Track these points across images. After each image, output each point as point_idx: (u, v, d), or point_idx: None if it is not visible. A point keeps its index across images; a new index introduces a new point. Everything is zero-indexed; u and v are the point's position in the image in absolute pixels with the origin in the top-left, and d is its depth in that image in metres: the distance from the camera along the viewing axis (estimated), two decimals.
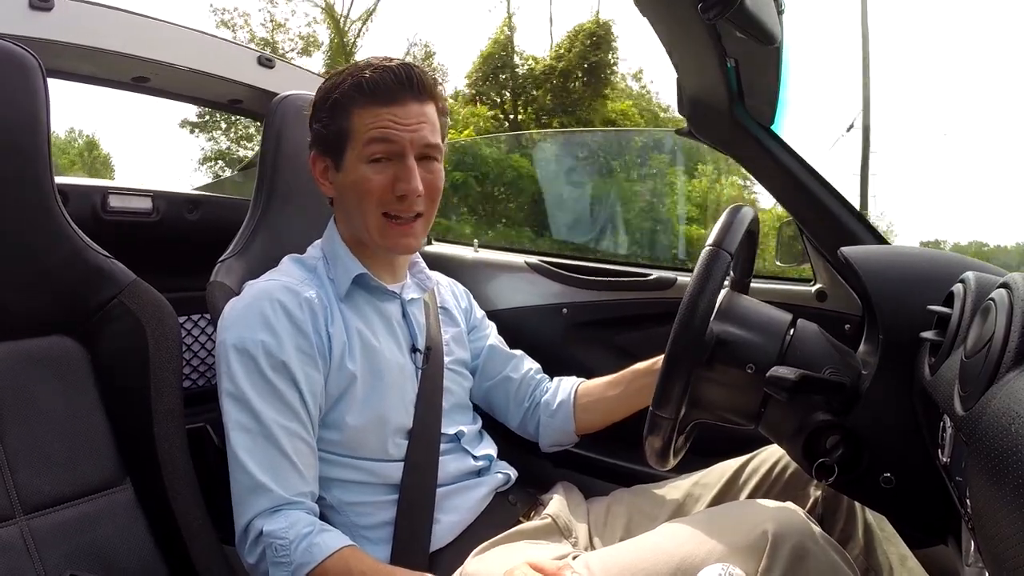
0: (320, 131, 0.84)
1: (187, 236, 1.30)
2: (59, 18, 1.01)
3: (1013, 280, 0.53)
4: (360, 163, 0.81)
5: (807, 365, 0.71)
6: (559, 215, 6.41)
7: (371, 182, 0.80)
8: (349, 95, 0.80)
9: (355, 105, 0.80)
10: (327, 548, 0.71)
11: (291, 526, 0.72)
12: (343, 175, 0.83)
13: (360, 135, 0.80)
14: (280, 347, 0.76)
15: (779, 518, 0.66)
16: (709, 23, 0.72)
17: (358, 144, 0.80)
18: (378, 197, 0.81)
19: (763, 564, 0.63)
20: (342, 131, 0.81)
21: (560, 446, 1.02)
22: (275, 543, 0.71)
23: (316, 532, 0.72)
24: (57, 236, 0.77)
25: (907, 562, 0.77)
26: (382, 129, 0.79)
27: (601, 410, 0.98)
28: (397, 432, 0.84)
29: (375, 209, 0.82)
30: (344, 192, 0.84)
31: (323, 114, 0.83)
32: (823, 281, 1.10)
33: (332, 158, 0.84)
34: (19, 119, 0.73)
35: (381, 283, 0.88)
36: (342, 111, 0.81)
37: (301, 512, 0.74)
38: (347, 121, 0.81)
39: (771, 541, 0.64)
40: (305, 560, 0.71)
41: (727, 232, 0.72)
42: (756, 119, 1.02)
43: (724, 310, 0.76)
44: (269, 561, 0.72)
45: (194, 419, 1.18)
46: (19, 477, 0.69)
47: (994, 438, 0.42)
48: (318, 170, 0.86)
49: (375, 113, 0.80)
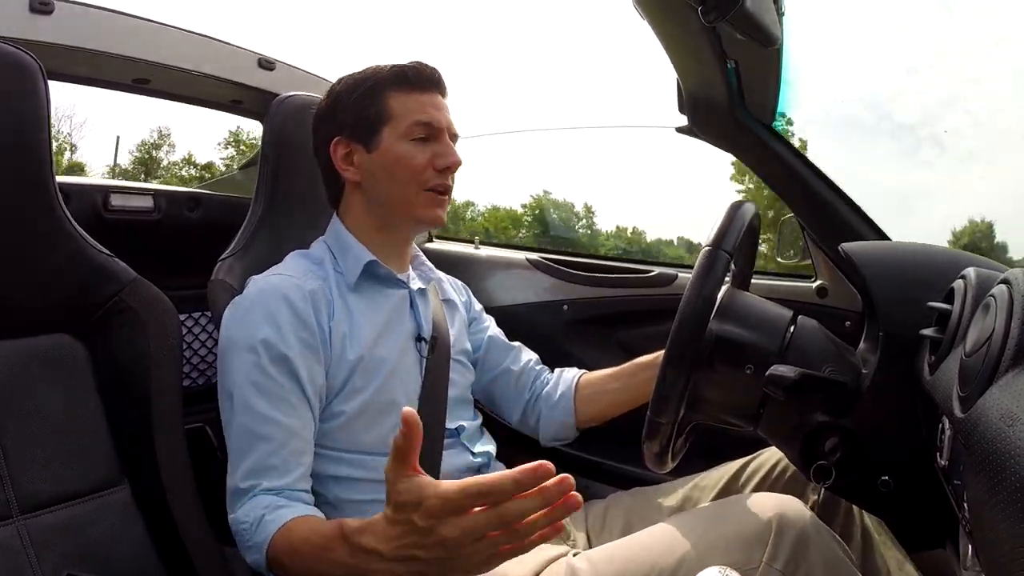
0: (348, 117, 0.87)
1: (188, 234, 1.31)
2: (59, 21, 1.01)
3: (1014, 276, 0.52)
4: (401, 141, 0.85)
5: (807, 363, 0.71)
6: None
7: (415, 158, 0.85)
8: (387, 81, 0.87)
9: (392, 90, 0.86)
10: (278, 522, 0.69)
11: (251, 510, 0.71)
12: (378, 155, 0.86)
13: (402, 117, 0.86)
14: (283, 340, 0.77)
15: (782, 508, 0.66)
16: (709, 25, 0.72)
17: (400, 125, 0.86)
18: (419, 172, 0.86)
19: (767, 553, 0.63)
20: (379, 114, 0.86)
21: (560, 440, 1.02)
22: (240, 530, 0.71)
23: (271, 510, 0.70)
24: (59, 235, 0.78)
25: (904, 566, 0.76)
26: (424, 113, 0.86)
27: (603, 403, 0.97)
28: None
29: (415, 184, 0.86)
30: (378, 170, 0.87)
31: (354, 101, 0.87)
32: (824, 277, 1.10)
33: (362, 141, 0.87)
34: (20, 121, 0.73)
35: (390, 271, 0.89)
36: (380, 96, 0.86)
37: (262, 496, 0.72)
38: (385, 105, 0.86)
39: (775, 530, 0.64)
40: (261, 539, 0.69)
41: (725, 232, 0.71)
42: (757, 117, 1.01)
43: (724, 308, 0.76)
44: (242, 548, 0.71)
45: (194, 419, 1.19)
46: (17, 476, 0.70)
47: (992, 441, 0.41)
48: (340, 156, 0.88)
49: (417, 100, 0.86)
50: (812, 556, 0.63)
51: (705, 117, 1.04)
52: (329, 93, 0.91)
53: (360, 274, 0.86)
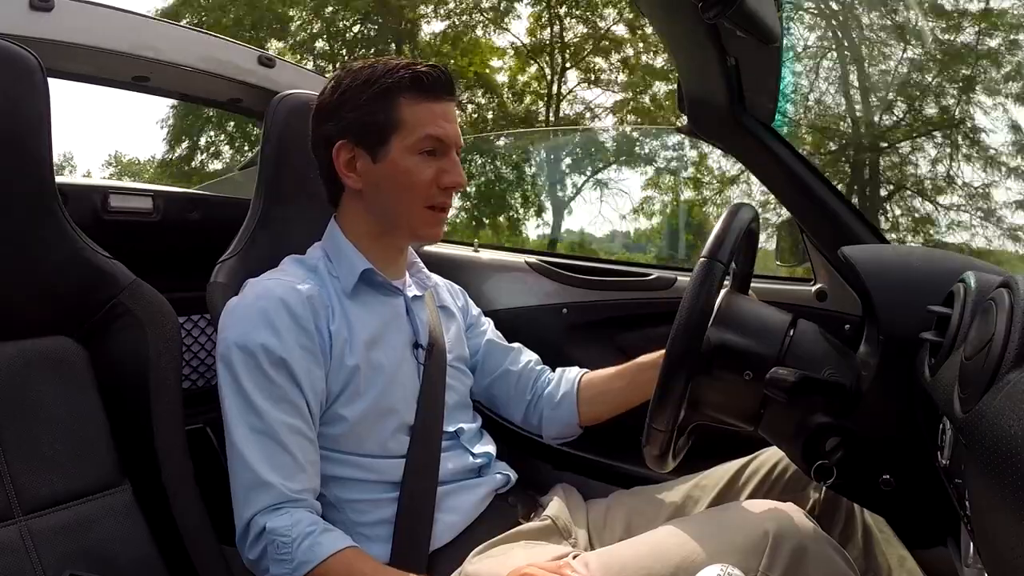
0: (355, 120, 0.82)
1: (188, 236, 1.30)
2: (59, 18, 1.01)
3: (1014, 280, 0.52)
4: (410, 154, 0.82)
5: (807, 366, 0.71)
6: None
7: (422, 173, 0.82)
8: (400, 85, 0.81)
9: (405, 96, 0.81)
10: (329, 548, 0.72)
11: (294, 524, 0.72)
12: (384, 166, 0.82)
13: (413, 128, 0.81)
14: (281, 345, 0.76)
15: (780, 518, 0.66)
16: (709, 22, 0.72)
17: (410, 136, 0.81)
18: (423, 189, 0.83)
19: (763, 563, 0.63)
20: (388, 121, 0.81)
21: (563, 439, 1.02)
22: (277, 540, 0.71)
23: (319, 531, 0.73)
24: (58, 236, 0.77)
25: (906, 564, 0.77)
26: (437, 127, 0.82)
27: (605, 402, 0.98)
28: (399, 428, 0.84)
29: (418, 200, 0.84)
30: (382, 182, 0.83)
31: (362, 102, 0.81)
32: (823, 281, 1.10)
33: (367, 148, 0.82)
34: (20, 119, 0.73)
35: (386, 278, 0.88)
36: (392, 101, 0.81)
37: (304, 511, 0.74)
38: (396, 112, 0.81)
39: (771, 541, 0.64)
40: (307, 559, 0.71)
41: (722, 241, 0.72)
42: (757, 117, 1.01)
43: (723, 314, 0.76)
44: (270, 558, 0.72)
45: (194, 419, 1.19)
46: (18, 477, 0.69)
47: (994, 440, 0.41)
48: (342, 161, 0.84)
49: (430, 109, 0.82)
50: (810, 566, 0.63)
51: (704, 116, 1.04)
52: (335, 85, 0.84)
53: (356, 282, 0.85)
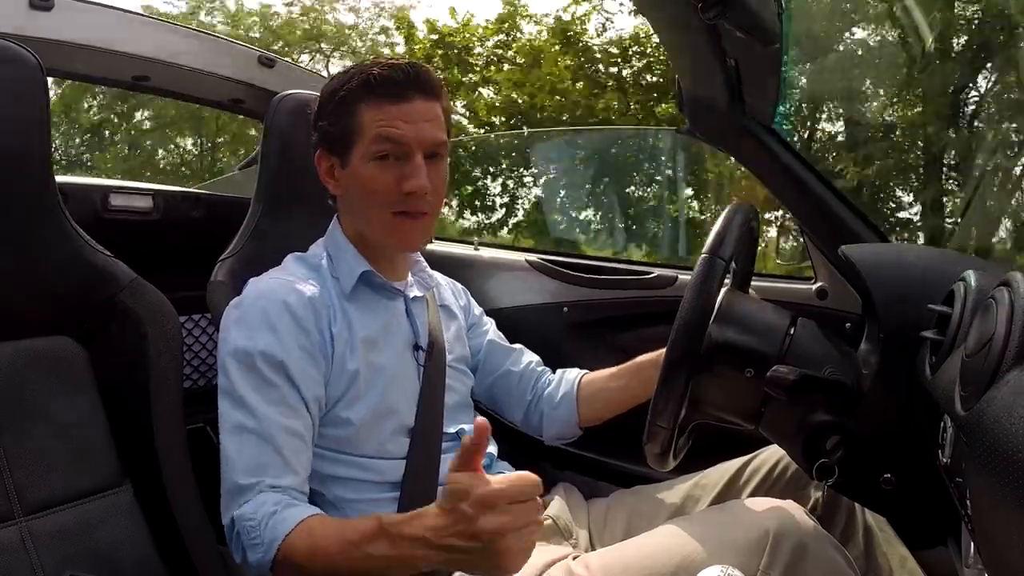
0: (326, 129, 0.83)
1: (188, 234, 1.30)
2: (59, 17, 1.01)
3: (1014, 278, 0.52)
4: (366, 161, 0.80)
5: (807, 364, 0.71)
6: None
7: (377, 180, 0.80)
8: (357, 92, 0.80)
9: (363, 102, 0.80)
10: (293, 519, 0.68)
11: (259, 507, 0.70)
12: (349, 173, 0.82)
13: (367, 132, 0.80)
14: (281, 346, 0.76)
15: (780, 516, 0.66)
16: (709, 23, 0.72)
17: (364, 141, 0.80)
18: (384, 196, 0.80)
19: (764, 562, 0.63)
20: (349, 129, 0.81)
21: (563, 439, 1.02)
22: (246, 526, 0.69)
23: (283, 507, 0.70)
24: (58, 235, 0.77)
25: (907, 563, 0.77)
26: (389, 128, 0.79)
27: (605, 401, 0.97)
28: (399, 430, 0.84)
29: (382, 207, 0.81)
30: (350, 190, 0.84)
31: (329, 111, 0.82)
32: (824, 279, 1.10)
33: (338, 156, 0.83)
34: (19, 118, 0.73)
35: (386, 280, 0.88)
36: (349, 108, 0.80)
37: (269, 494, 0.72)
38: (354, 119, 0.80)
39: (772, 539, 0.64)
40: (274, 536, 0.68)
41: (723, 239, 0.72)
42: (756, 118, 1.01)
43: (723, 312, 0.76)
44: (246, 547, 0.70)
45: (194, 419, 1.18)
46: (18, 478, 0.69)
47: (995, 439, 0.41)
48: (323, 169, 0.86)
49: (383, 110, 0.79)
50: (810, 565, 0.63)
51: (704, 117, 1.04)
52: (321, 92, 0.86)
53: (355, 284, 0.85)
